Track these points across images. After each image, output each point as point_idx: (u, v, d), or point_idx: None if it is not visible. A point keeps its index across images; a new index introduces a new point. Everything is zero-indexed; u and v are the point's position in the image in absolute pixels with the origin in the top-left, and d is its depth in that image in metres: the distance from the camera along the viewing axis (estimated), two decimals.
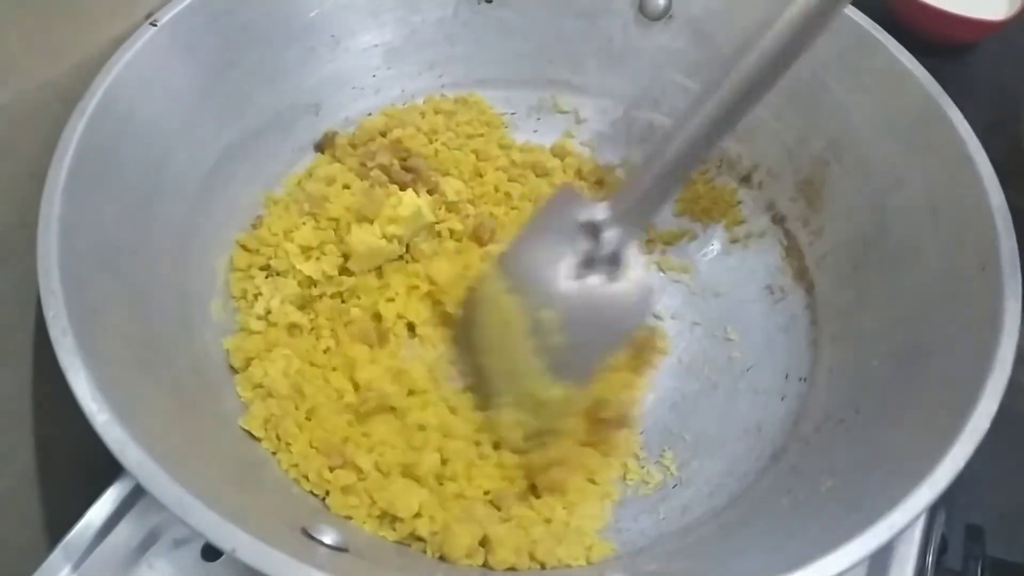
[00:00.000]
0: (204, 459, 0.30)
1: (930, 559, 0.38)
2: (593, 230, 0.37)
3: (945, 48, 0.62)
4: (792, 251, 0.44)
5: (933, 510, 0.38)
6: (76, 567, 0.36)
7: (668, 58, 0.47)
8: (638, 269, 0.37)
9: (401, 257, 0.43)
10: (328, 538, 0.28)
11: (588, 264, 0.37)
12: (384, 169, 0.43)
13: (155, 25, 0.38)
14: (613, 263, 0.37)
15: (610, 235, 0.37)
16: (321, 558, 0.27)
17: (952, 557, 0.41)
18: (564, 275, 0.38)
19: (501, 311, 0.39)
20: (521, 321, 0.38)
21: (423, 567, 0.31)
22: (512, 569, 0.32)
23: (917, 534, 0.37)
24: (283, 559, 0.23)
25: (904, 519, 0.25)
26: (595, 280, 0.37)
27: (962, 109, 0.39)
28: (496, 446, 0.38)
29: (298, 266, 0.40)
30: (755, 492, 0.35)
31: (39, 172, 0.33)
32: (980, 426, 0.28)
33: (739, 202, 0.46)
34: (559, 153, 0.49)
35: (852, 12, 0.41)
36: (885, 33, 0.40)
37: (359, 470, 0.35)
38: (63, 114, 0.34)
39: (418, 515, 0.33)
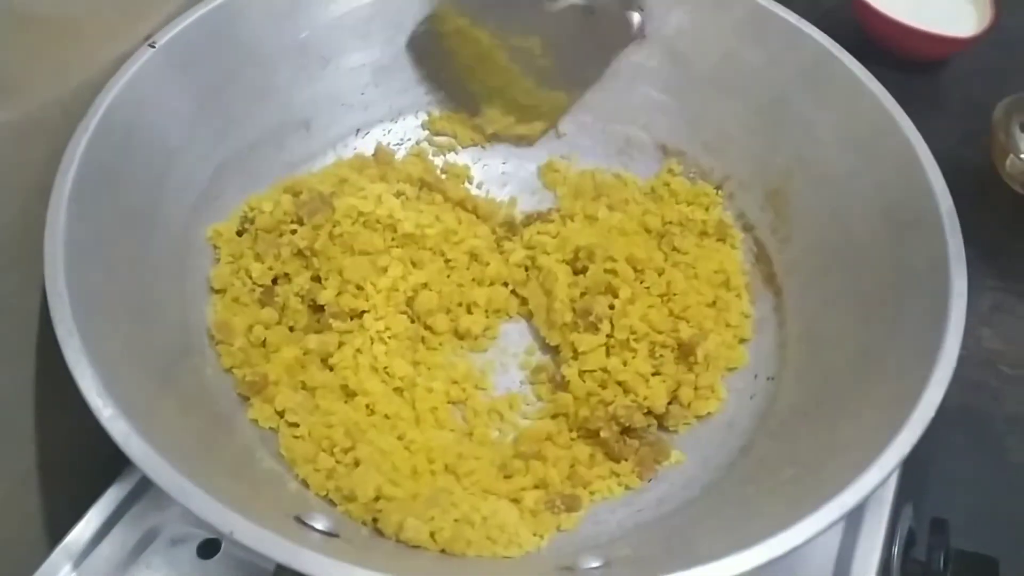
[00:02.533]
0: (202, 453, 0.31)
1: (896, 550, 0.40)
2: None
3: (917, 64, 0.64)
4: (761, 257, 0.46)
5: (899, 504, 0.40)
6: (76, 566, 0.37)
7: (643, 75, 0.49)
8: None
9: None
10: (320, 524, 0.30)
11: None
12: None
13: (153, 47, 0.39)
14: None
15: None
16: (313, 541, 0.28)
17: (919, 549, 0.42)
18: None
19: (474, 44, 0.39)
20: (500, 51, 0.38)
21: (410, 552, 0.32)
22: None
23: (883, 527, 0.39)
24: (278, 540, 0.25)
25: (854, 499, 0.27)
26: (571, 2, 0.38)
27: (933, 123, 0.41)
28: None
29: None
30: (724, 483, 0.37)
31: (45, 184, 0.34)
32: (926, 414, 0.30)
33: (719, 204, 0.48)
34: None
35: (813, 31, 0.43)
36: (843, 51, 0.42)
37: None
38: (67, 130, 0.36)
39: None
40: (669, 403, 0.40)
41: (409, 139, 0.51)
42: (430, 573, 0.24)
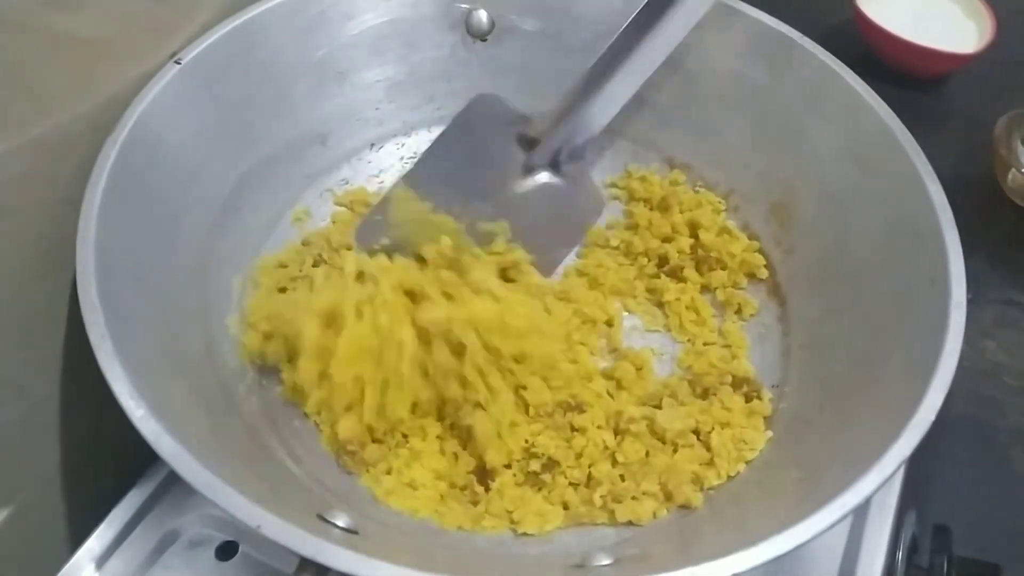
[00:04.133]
0: (227, 454, 0.32)
1: (899, 556, 0.40)
2: (530, 143, 0.39)
3: (918, 80, 0.65)
4: (766, 268, 0.47)
5: (902, 511, 0.41)
6: (98, 567, 0.38)
7: (650, 91, 0.48)
8: (582, 170, 0.39)
9: None
10: (341, 521, 0.31)
11: (528, 170, 0.39)
12: None
13: (179, 64, 0.40)
14: (554, 167, 0.39)
15: (550, 143, 0.38)
16: (334, 536, 0.29)
17: (922, 556, 0.43)
18: (505, 184, 0.39)
19: (435, 229, 0.38)
20: (466, 235, 0.38)
21: (426, 546, 0.33)
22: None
23: (887, 533, 0.39)
24: (302, 534, 0.26)
25: (856, 499, 0.28)
26: (540, 179, 0.39)
27: (935, 138, 0.41)
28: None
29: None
30: (729, 488, 0.38)
31: (75, 197, 0.35)
32: (926, 418, 0.30)
33: (723, 210, 0.49)
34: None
35: (815, 48, 0.44)
36: (844, 67, 0.43)
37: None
38: (96, 145, 0.37)
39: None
40: None
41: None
42: (448, 567, 0.25)
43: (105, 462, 0.41)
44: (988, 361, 0.53)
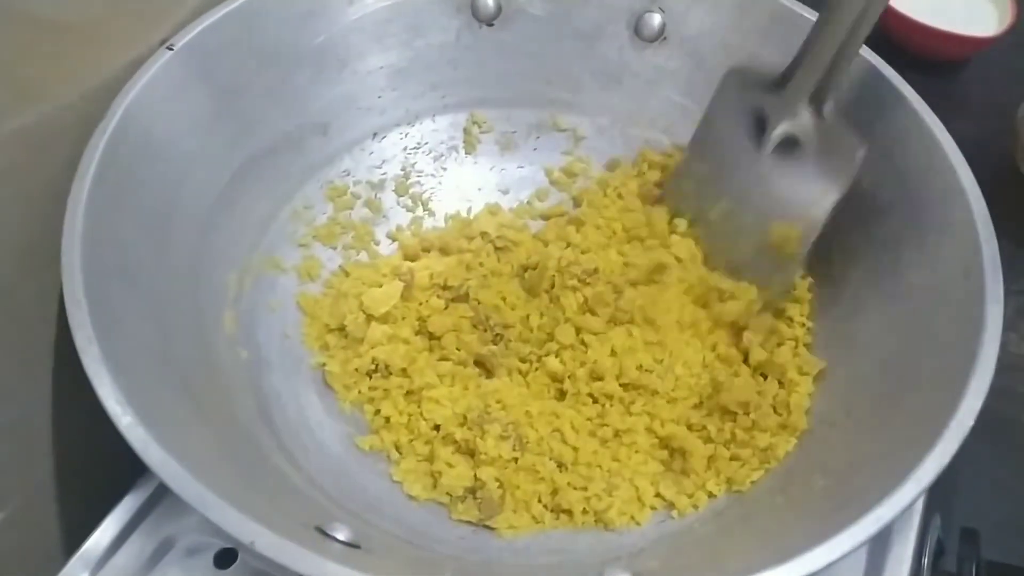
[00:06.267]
0: (220, 462, 0.31)
1: (926, 561, 0.39)
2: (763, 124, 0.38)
3: (937, 64, 0.63)
4: None
5: (928, 514, 0.39)
6: (93, 574, 0.36)
7: (663, 78, 0.48)
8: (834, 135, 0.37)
9: None
10: (341, 535, 0.29)
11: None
12: None
13: (171, 49, 0.39)
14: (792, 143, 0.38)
15: (784, 125, 0.38)
16: (334, 552, 0.28)
17: (949, 560, 0.42)
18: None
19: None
20: None
21: (432, 562, 0.32)
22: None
23: (912, 537, 0.38)
24: (299, 551, 0.24)
25: (890, 513, 0.27)
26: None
27: (955, 124, 0.40)
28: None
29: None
30: (752, 493, 0.36)
31: (62, 191, 0.34)
32: (964, 424, 0.29)
33: None
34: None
35: None
36: (870, 51, 0.42)
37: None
38: (84, 135, 0.35)
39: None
40: None
41: (426, 142, 0.51)
42: None
43: (100, 465, 0.40)
44: (1011, 354, 0.52)
